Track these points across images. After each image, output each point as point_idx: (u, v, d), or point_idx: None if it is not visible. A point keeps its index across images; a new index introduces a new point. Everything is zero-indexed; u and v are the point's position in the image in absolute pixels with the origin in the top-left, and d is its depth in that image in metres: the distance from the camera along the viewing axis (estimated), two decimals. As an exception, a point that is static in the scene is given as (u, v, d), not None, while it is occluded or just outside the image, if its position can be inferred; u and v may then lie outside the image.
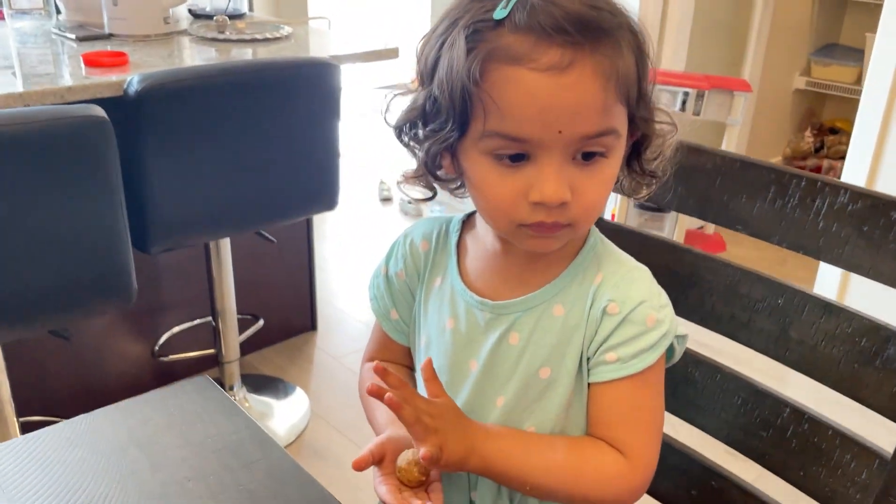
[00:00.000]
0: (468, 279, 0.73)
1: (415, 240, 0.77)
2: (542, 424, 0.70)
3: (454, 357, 0.72)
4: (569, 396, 0.69)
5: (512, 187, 0.62)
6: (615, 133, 0.62)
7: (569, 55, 0.58)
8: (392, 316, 0.79)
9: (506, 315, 0.70)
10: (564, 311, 0.69)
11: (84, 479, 0.67)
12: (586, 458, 0.68)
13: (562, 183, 0.61)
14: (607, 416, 0.68)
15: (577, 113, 0.59)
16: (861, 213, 0.73)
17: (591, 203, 0.64)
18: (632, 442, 0.67)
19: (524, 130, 0.60)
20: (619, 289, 0.68)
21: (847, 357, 0.75)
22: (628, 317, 0.67)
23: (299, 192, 1.65)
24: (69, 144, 1.15)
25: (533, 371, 0.69)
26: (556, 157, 0.61)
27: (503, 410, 0.70)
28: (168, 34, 1.91)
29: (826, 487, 0.77)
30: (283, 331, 2.35)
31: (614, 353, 0.67)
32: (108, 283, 1.26)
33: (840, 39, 3.67)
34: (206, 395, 0.78)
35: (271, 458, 0.70)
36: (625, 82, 0.61)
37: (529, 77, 0.58)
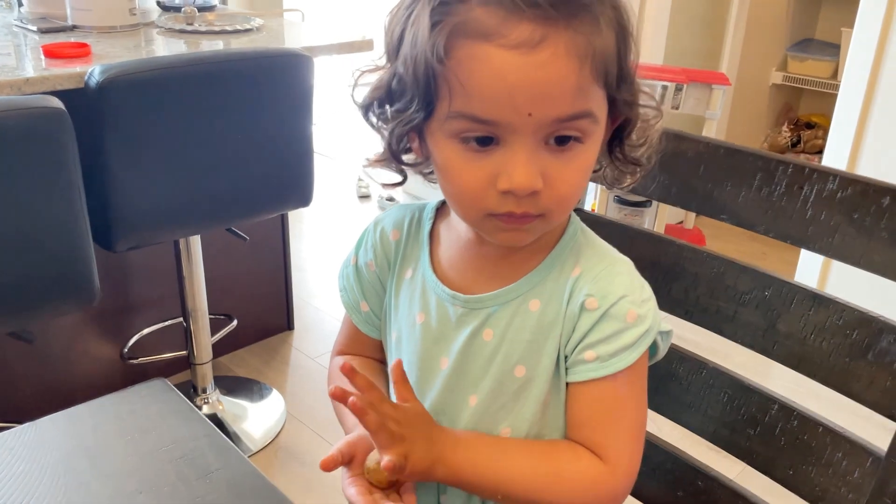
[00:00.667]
0: (440, 270, 0.69)
1: (385, 228, 0.73)
2: (518, 425, 0.66)
3: (424, 353, 0.68)
4: (545, 396, 0.65)
5: (479, 174, 0.57)
6: (591, 117, 0.57)
7: (540, 31, 0.53)
8: (362, 308, 0.75)
9: (479, 310, 0.66)
10: (541, 305, 0.65)
11: (28, 492, 0.62)
12: (561, 465, 0.64)
13: (533, 170, 0.56)
14: (585, 417, 0.64)
15: (548, 94, 0.54)
16: (851, 200, 0.70)
17: (565, 192, 0.59)
18: (611, 445, 0.64)
19: (492, 112, 0.55)
20: (598, 282, 0.64)
21: (838, 350, 0.72)
22: (608, 312, 0.62)
23: (271, 188, 1.60)
24: (24, 137, 1.09)
25: (508, 369, 0.65)
26: (526, 142, 0.56)
27: (476, 410, 0.66)
28: (134, 26, 1.85)
29: (816, 486, 0.74)
30: (258, 331, 2.30)
31: (593, 352, 0.63)
32: (68, 282, 1.21)
33: (816, 34, 3.68)
34: (163, 398, 0.73)
35: (231, 467, 0.66)
36: (603, 61, 0.57)
37: (498, 54, 0.53)
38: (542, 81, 0.54)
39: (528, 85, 0.54)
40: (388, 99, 0.61)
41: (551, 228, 0.64)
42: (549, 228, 0.64)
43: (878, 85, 2.08)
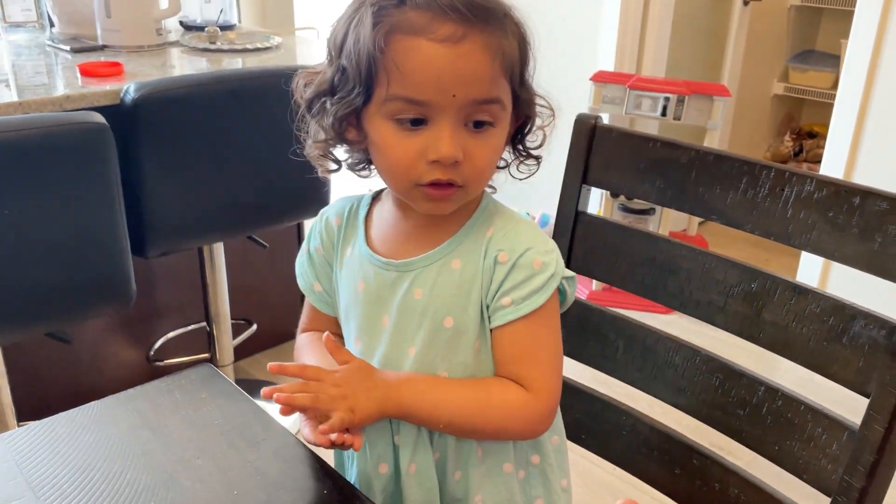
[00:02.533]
0: (373, 245, 0.79)
1: (329, 217, 0.84)
2: (454, 370, 0.76)
3: (368, 315, 0.79)
4: (476, 344, 0.76)
5: (411, 148, 0.69)
6: (501, 103, 0.70)
7: (461, 29, 0.66)
8: (315, 288, 0.85)
9: (409, 272, 0.76)
10: (461, 263, 0.75)
11: (99, 459, 0.70)
12: (492, 393, 0.75)
13: (455, 144, 0.68)
14: (508, 355, 0.75)
15: (469, 78, 0.67)
16: (826, 201, 0.78)
17: (481, 166, 0.71)
18: (533, 376, 0.74)
19: (423, 94, 0.67)
20: (507, 239, 0.75)
21: (817, 336, 0.79)
22: (517, 262, 0.73)
23: (291, 197, 1.69)
24: (70, 150, 1.18)
25: (438, 322, 0.75)
26: (450, 121, 0.68)
27: (415, 359, 0.76)
28: (160, 45, 1.95)
29: (799, 460, 0.82)
30: (276, 336, 2.38)
31: (508, 298, 0.73)
32: (108, 286, 1.30)
33: (816, 45, 3.76)
34: (211, 381, 0.82)
35: (276, 438, 0.74)
36: (509, 61, 0.70)
37: (428, 46, 0.66)
38: (464, 68, 0.67)
39: (453, 70, 0.66)
40: (331, 91, 0.71)
41: (468, 200, 0.76)
42: (467, 199, 0.75)
43: (873, 95, 2.16)
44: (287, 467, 0.71)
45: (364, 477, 0.80)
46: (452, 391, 0.74)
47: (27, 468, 0.69)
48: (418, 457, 0.77)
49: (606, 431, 0.99)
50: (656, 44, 2.72)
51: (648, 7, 2.65)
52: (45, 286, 1.24)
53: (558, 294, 0.76)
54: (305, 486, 0.69)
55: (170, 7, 1.90)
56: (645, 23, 2.68)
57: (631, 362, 0.97)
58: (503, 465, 0.80)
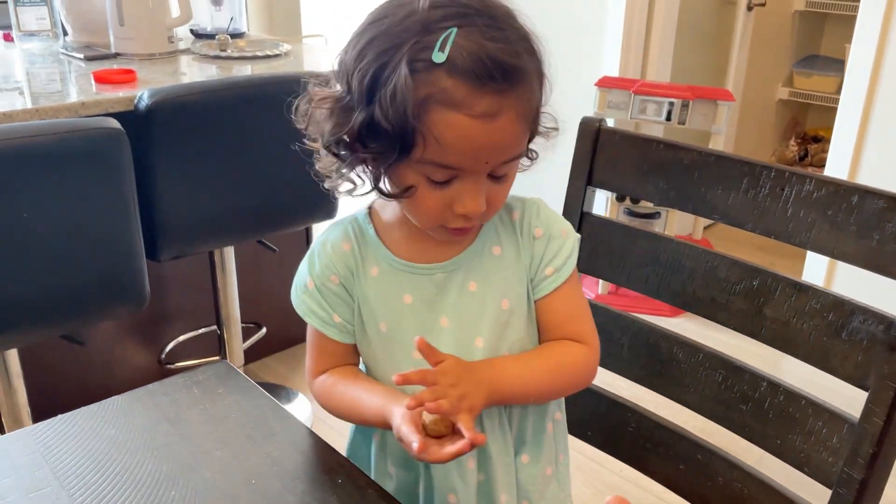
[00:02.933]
0: (405, 257, 0.79)
1: (335, 243, 0.81)
2: (512, 348, 0.81)
3: (424, 322, 0.79)
4: (525, 318, 0.82)
5: (440, 200, 0.72)
6: (520, 156, 0.74)
7: (498, 103, 0.67)
8: (335, 320, 0.81)
9: (457, 269, 0.80)
10: (502, 249, 0.81)
11: (120, 451, 0.73)
12: (563, 357, 0.82)
13: (481, 198, 0.72)
14: (560, 318, 0.82)
15: (502, 148, 0.70)
16: (824, 200, 0.80)
17: (497, 205, 0.76)
18: (584, 331, 0.83)
19: (459, 162, 0.69)
20: (536, 217, 0.82)
21: (817, 331, 0.81)
22: (551, 234, 0.81)
23: (301, 201, 1.71)
24: (87, 155, 1.21)
25: (497, 306, 0.80)
26: (479, 179, 0.71)
27: (484, 348, 0.80)
28: (172, 53, 1.98)
29: (801, 453, 0.84)
30: (285, 340, 2.41)
31: (551, 267, 0.81)
32: (122, 288, 1.33)
33: (821, 50, 3.78)
34: (227, 377, 0.85)
35: (291, 430, 0.77)
36: (535, 112, 0.73)
37: (467, 122, 0.66)
38: (500, 141, 0.70)
39: (490, 144, 0.69)
40: (360, 139, 0.70)
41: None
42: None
43: (876, 99, 2.17)
44: (302, 458, 0.73)
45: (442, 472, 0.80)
46: (532, 364, 0.80)
47: (52, 459, 0.72)
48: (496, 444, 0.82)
49: (612, 428, 1.01)
50: (661, 49, 2.74)
51: (653, 12, 2.67)
52: (61, 288, 1.26)
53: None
54: (320, 475, 0.71)
55: (181, 15, 1.94)
56: (649, 28, 2.70)
57: (635, 360, 0.99)
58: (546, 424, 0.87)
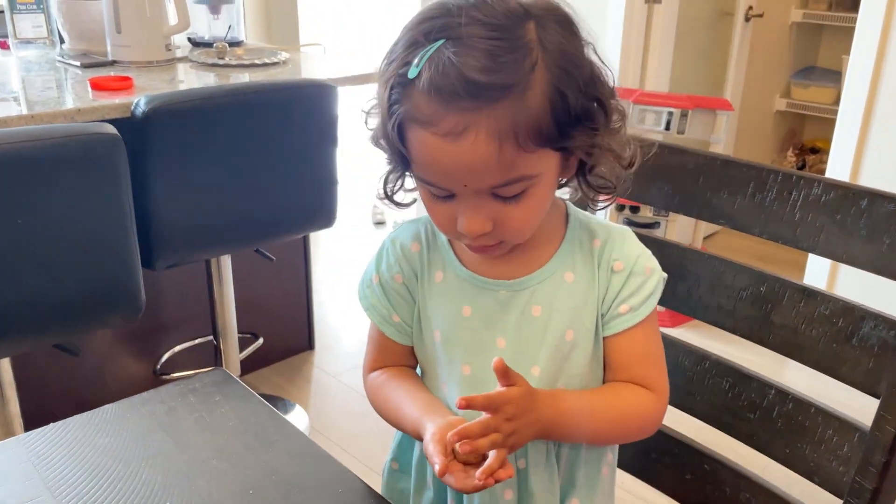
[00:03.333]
0: (471, 267, 0.77)
1: (404, 243, 0.80)
2: (570, 383, 0.77)
3: (480, 339, 0.76)
4: (590, 354, 0.77)
5: (444, 213, 0.69)
6: (526, 179, 0.66)
7: (463, 122, 0.61)
8: (394, 319, 0.80)
9: (522, 290, 0.76)
10: (575, 276, 0.76)
11: (114, 461, 0.71)
12: (627, 401, 0.77)
13: (479, 218, 0.67)
14: (629, 360, 0.77)
15: (475, 171, 0.64)
16: (834, 203, 0.79)
17: (516, 227, 0.69)
18: (653, 377, 0.78)
19: (437, 182, 0.67)
20: (619, 248, 0.77)
21: (826, 337, 0.80)
22: (633, 270, 0.76)
23: (299, 209, 1.70)
24: (83, 161, 1.20)
25: (560, 336, 0.75)
26: (471, 199, 0.67)
27: (540, 377, 0.76)
28: (169, 60, 1.97)
29: (810, 462, 0.82)
30: (282, 350, 2.39)
31: (626, 304, 0.75)
32: (117, 297, 1.31)
33: (818, 62, 3.79)
34: (224, 385, 0.83)
35: (289, 439, 0.75)
36: (535, 129, 0.63)
37: (432, 141, 0.63)
38: (468, 163, 0.63)
39: (457, 166, 0.64)
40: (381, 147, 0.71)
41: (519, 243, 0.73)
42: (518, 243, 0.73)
43: (875, 109, 2.17)
44: (301, 467, 0.71)
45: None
46: (595, 406, 0.75)
47: (43, 469, 0.70)
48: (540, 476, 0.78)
49: (616, 438, 1.00)
50: (659, 60, 2.74)
51: (651, 23, 2.68)
52: (55, 296, 1.24)
53: None
54: (320, 485, 0.69)
55: (179, 23, 1.93)
56: (648, 39, 2.71)
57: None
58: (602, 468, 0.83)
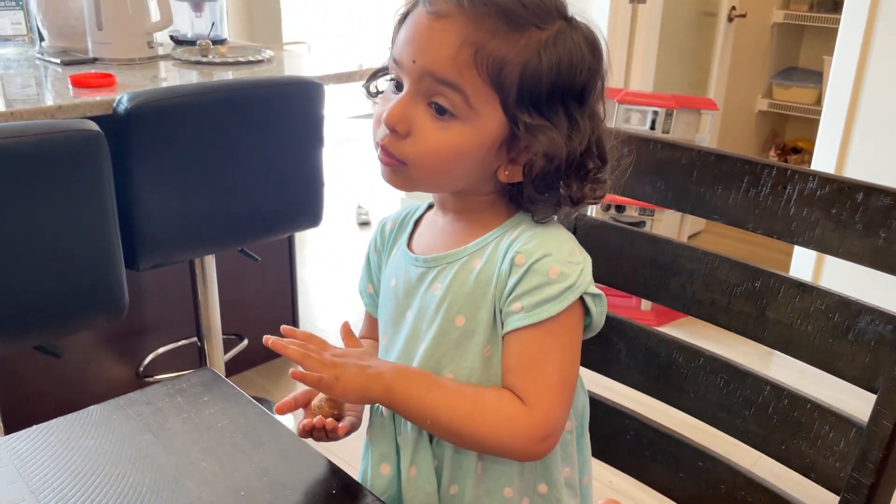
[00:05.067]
0: (413, 244, 0.82)
1: (386, 221, 0.87)
2: (460, 372, 0.74)
3: (396, 310, 0.80)
4: (485, 347, 0.73)
5: (385, 107, 0.71)
6: (462, 94, 0.67)
7: (451, 10, 0.67)
8: (368, 290, 0.89)
9: (433, 268, 0.76)
10: (481, 264, 0.74)
11: (100, 463, 0.69)
12: (484, 400, 0.71)
13: (401, 111, 0.69)
14: (511, 364, 0.71)
15: (429, 50, 0.68)
16: (829, 198, 0.79)
17: (424, 148, 0.69)
18: (531, 389, 0.70)
19: (398, 53, 0.70)
20: (528, 243, 0.72)
21: (822, 333, 0.79)
22: (532, 267, 0.70)
23: (285, 208, 1.68)
24: (64, 158, 1.17)
25: (450, 318, 0.74)
26: (410, 89, 0.69)
27: (423, 354, 0.76)
28: (152, 58, 1.94)
29: (807, 458, 0.81)
30: (266, 352, 2.34)
31: (520, 303, 0.70)
32: (100, 297, 1.28)
33: (799, 62, 3.82)
34: (213, 385, 0.81)
35: (281, 439, 0.73)
36: (496, 65, 0.67)
37: (421, 15, 0.69)
38: (429, 40, 0.68)
39: (421, 40, 0.68)
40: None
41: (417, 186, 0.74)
42: (415, 185, 0.73)
43: (859, 109, 2.19)
44: (293, 468, 0.69)
45: (365, 478, 0.80)
46: (443, 389, 0.72)
47: (27, 472, 0.68)
48: (418, 458, 0.76)
49: (609, 436, 0.99)
50: (643, 60, 2.75)
51: (636, 23, 2.68)
52: (37, 296, 1.21)
53: (582, 312, 0.73)
54: (313, 486, 0.68)
55: (161, 20, 1.90)
56: (632, 39, 2.71)
57: (633, 365, 0.96)
58: (504, 488, 0.77)
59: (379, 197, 3.86)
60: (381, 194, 3.89)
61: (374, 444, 0.78)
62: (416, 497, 0.76)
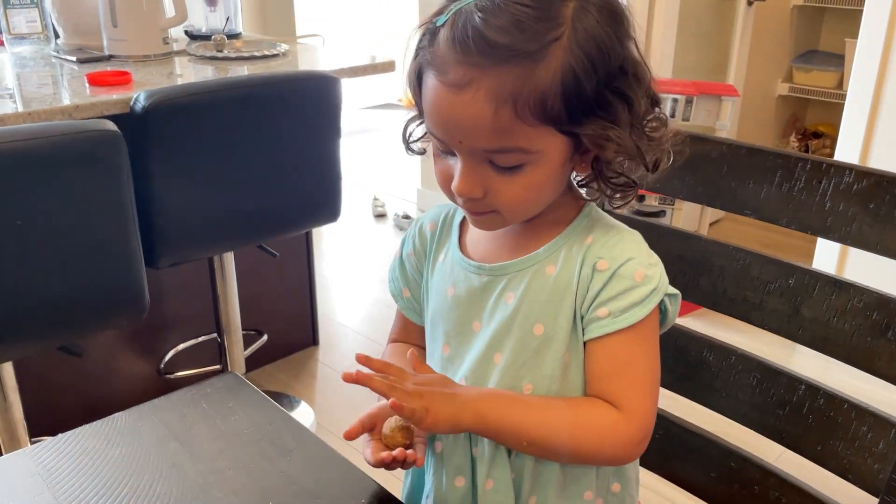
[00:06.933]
0: (467, 250, 0.78)
1: (424, 223, 0.83)
2: (539, 381, 0.72)
3: (459, 321, 0.76)
4: (564, 354, 0.71)
5: (445, 170, 0.69)
6: (521, 151, 0.64)
7: (468, 75, 0.62)
8: (404, 294, 0.85)
9: (501, 276, 0.74)
10: (556, 270, 0.72)
11: (127, 473, 0.68)
12: (579, 412, 0.70)
13: (470, 181, 0.66)
14: (601, 370, 0.70)
15: (469, 129, 0.64)
16: (866, 192, 0.76)
17: (508, 202, 0.68)
18: (625, 395, 0.69)
19: (437, 132, 0.67)
20: (608, 247, 0.71)
21: (859, 331, 0.77)
22: (617, 272, 0.69)
23: (303, 204, 1.67)
24: (83, 158, 1.16)
25: (528, 328, 0.72)
26: (466, 158, 0.66)
27: (502, 367, 0.73)
28: (167, 54, 1.93)
29: (844, 460, 0.79)
30: (286, 347, 2.36)
31: (605, 309, 0.69)
32: (121, 296, 1.28)
33: (820, 46, 3.75)
34: (237, 390, 0.80)
35: (307, 446, 0.72)
36: (538, 102, 0.62)
37: (440, 90, 0.64)
38: (463, 118, 0.63)
39: (453, 119, 0.64)
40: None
41: (515, 223, 0.73)
42: (512, 223, 0.72)
43: (884, 93, 2.14)
44: (321, 475, 0.69)
45: (439, 492, 0.76)
46: (535, 408, 0.70)
47: (53, 483, 0.67)
48: (496, 472, 0.74)
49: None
50: (662, 46, 2.71)
51: (653, 9, 2.64)
52: (58, 298, 1.21)
53: (658, 312, 0.72)
54: (341, 494, 0.67)
55: (176, 15, 1.89)
56: (650, 25, 2.67)
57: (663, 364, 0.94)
58: (584, 492, 0.76)
59: (394, 189, 3.85)
60: (396, 186, 3.88)
61: (447, 457, 0.75)
62: None
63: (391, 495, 0.67)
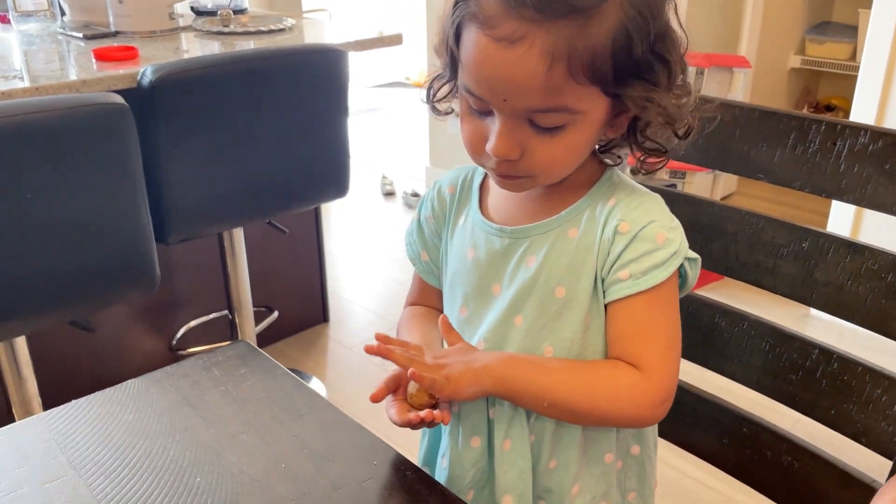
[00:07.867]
0: (488, 212, 0.77)
1: (442, 186, 0.82)
2: (560, 344, 0.72)
3: (478, 284, 0.76)
4: (585, 317, 0.71)
5: (477, 130, 0.67)
6: (568, 111, 0.63)
7: (521, 30, 0.59)
8: (423, 258, 0.84)
9: (523, 239, 0.73)
10: (579, 233, 0.71)
11: (140, 437, 0.69)
12: (600, 373, 0.70)
13: (509, 142, 0.64)
14: (622, 332, 0.70)
15: (518, 87, 0.62)
16: (882, 152, 0.75)
17: (545, 163, 0.66)
18: (645, 356, 0.69)
19: (479, 91, 0.64)
20: (630, 210, 0.70)
21: (874, 294, 0.76)
22: (639, 234, 0.69)
23: (311, 179, 1.66)
24: (91, 131, 1.16)
25: (549, 291, 0.71)
26: (507, 118, 0.64)
27: (522, 329, 0.73)
28: (173, 30, 1.92)
29: (858, 423, 0.79)
30: (297, 323, 2.37)
31: (626, 271, 0.69)
32: (132, 270, 1.28)
33: (833, 17, 3.70)
34: (249, 357, 0.80)
35: (320, 411, 0.72)
36: (590, 61, 0.61)
37: (485, 43, 0.61)
38: (513, 76, 0.61)
39: (502, 77, 0.61)
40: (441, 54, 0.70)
41: (545, 184, 0.72)
42: (543, 184, 0.71)
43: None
44: (333, 439, 0.69)
45: (454, 452, 0.77)
46: (557, 369, 0.70)
47: (68, 447, 0.68)
48: (514, 432, 0.74)
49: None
50: (672, 17, 2.67)
51: (664, -20, 2.60)
52: (69, 272, 1.22)
53: (678, 276, 0.72)
54: (354, 456, 0.67)
55: (182, -9, 1.88)
56: (661, -4, 2.63)
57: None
58: (604, 455, 0.76)
59: (403, 167, 3.84)
60: (404, 164, 3.87)
61: (464, 418, 0.75)
62: (510, 473, 0.74)
63: (403, 457, 0.68)
